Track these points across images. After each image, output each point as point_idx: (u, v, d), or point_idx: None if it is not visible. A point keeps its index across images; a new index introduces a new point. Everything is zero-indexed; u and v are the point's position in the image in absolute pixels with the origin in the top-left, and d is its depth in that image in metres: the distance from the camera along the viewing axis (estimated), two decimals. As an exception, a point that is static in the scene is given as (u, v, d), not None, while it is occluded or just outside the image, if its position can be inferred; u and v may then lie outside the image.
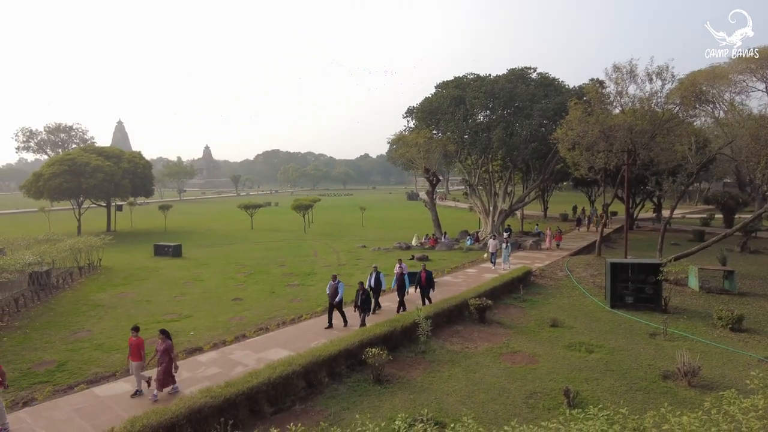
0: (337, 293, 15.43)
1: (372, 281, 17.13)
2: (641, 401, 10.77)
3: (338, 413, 10.20)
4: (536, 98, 34.06)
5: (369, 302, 15.52)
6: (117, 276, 26.24)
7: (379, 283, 17.22)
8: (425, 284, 17.58)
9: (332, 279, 15.86)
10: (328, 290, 15.71)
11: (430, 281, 17.79)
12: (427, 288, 17.64)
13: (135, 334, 11.16)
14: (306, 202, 50.64)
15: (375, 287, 17.13)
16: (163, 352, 10.78)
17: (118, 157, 50.82)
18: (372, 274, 17.33)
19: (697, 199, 76.85)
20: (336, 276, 15.96)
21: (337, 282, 15.59)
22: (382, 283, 17.34)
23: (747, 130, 24.84)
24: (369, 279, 17.21)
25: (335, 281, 15.66)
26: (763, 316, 17.67)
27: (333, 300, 15.50)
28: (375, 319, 15.89)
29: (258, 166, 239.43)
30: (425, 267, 18.22)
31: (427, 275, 17.69)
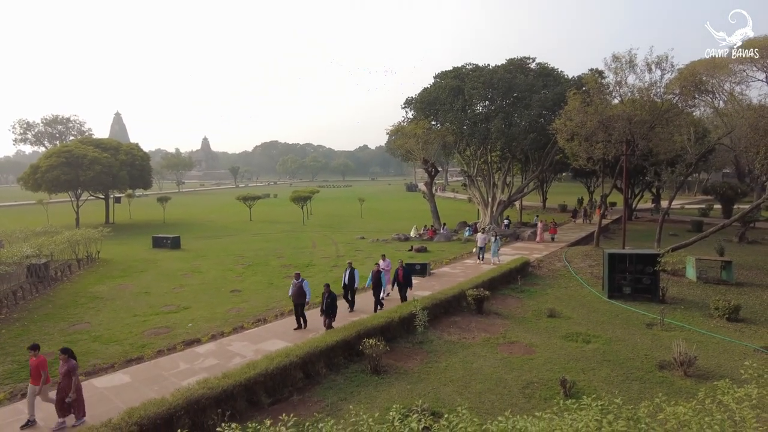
0: (302, 294, 14.41)
1: (346, 278, 16.32)
2: (637, 391, 10.83)
3: (335, 403, 10.25)
4: (535, 88, 33.91)
5: (334, 306, 14.09)
6: (115, 268, 26.25)
7: (353, 280, 16.33)
8: (402, 281, 16.74)
9: (295, 278, 14.72)
10: (291, 290, 14.68)
11: (408, 278, 16.90)
12: (404, 285, 16.77)
13: (34, 353, 9.55)
14: (304, 194, 50.57)
15: (349, 285, 16.34)
16: (64, 374, 9.22)
17: (116, 149, 50.65)
18: (346, 270, 16.48)
19: (696, 189, 76.83)
20: (299, 274, 14.90)
21: (301, 281, 14.54)
22: (356, 279, 16.46)
23: (746, 120, 24.76)
24: (344, 276, 16.43)
25: (299, 280, 14.56)
26: (760, 306, 17.74)
27: (298, 301, 14.52)
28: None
29: (256, 157, 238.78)
30: (403, 263, 17.25)
31: (405, 272, 16.84)
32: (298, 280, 14.57)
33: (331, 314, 14.01)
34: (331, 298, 13.90)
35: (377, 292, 16.36)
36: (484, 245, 25.38)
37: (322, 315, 14.13)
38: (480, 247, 25.43)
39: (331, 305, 13.96)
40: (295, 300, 14.62)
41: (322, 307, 14.04)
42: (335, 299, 14.11)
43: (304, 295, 14.44)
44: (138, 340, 14.49)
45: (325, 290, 14.00)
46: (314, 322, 14.87)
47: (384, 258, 18.10)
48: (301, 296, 14.44)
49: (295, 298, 14.58)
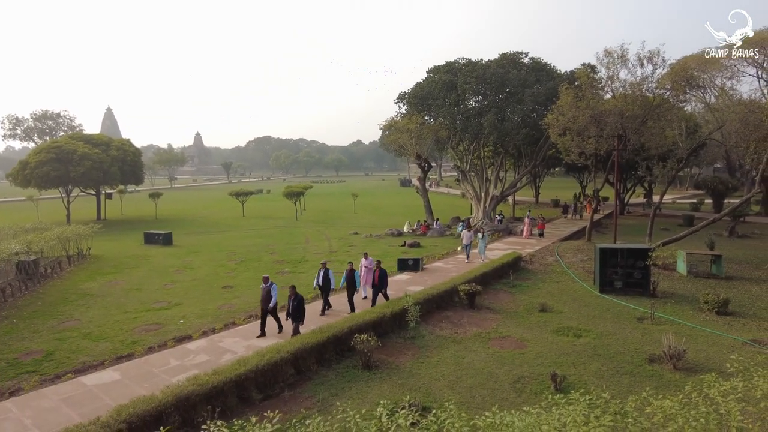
0: (270, 297, 13.79)
1: (320, 279, 15.67)
2: (627, 385, 10.90)
3: (327, 399, 10.24)
4: (528, 83, 33.90)
5: (302, 309, 13.28)
6: (107, 264, 26.07)
7: (327, 281, 15.67)
8: (377, 283, 16.06)
9: (263, 281, 14.05)
10: (262, 294, 14.00)
11: (383, 281, 16.20)
12: (379, 287, 16.11)
13: None
14: (298, 189, 50.41)
15: (323, 286, 15.70)
16: None
17: (107, 144, 50.17)
18: (320, 271, 15.79)
19: (687, 184, 77.38)
20: (268, 278, 14.16)
21: (270, 284, 13.89)
22: (331, 281, 15.82)
23: (737, 115, 24.90)
24: (317, 277, 15.82)
25: (267, 284, 13.90)
26: (748, 299, 17.91)
27: (266, 305, 13.88)
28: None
29: (249, 152, 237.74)
30: (380, 265, 16.45)
31: (381, 274, 16.09)
32: (267, 283, 13.91)
33: (299, 318, 13.24)
34: (297, 300, 13.13)
35: (351, 293, 15.75)
36: (470, 242, 24.64)
37: (288, 319, 13.46)
38: (466, 245, 24.66)
39: (298, 308, 13.16)
40: (262, 304, 13.97)
41: (288, 310, 13.32)
42: (302, 302, 13.33)
43: (271, 299, 13.78)
44: (128, 336, 14.41)
45: (291, 292, 13.30)
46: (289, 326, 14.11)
47: (366, 256, 17.45)
48: (267, 301, 13.79)
49: (262, 302, 13.95)
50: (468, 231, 25.03)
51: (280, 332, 13.98)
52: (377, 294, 16.18)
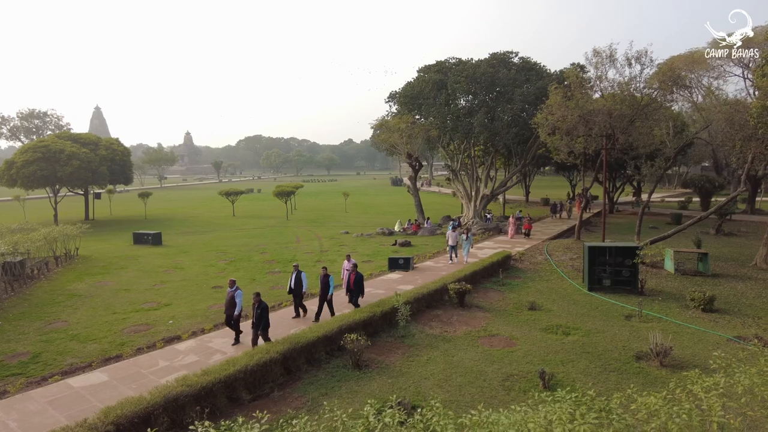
0: (235, 304, 13.16)
1: (292, 282, 15.11)
2: (615, 382, 11.00)
3: (316, 399, 10.24)
4: (518, 83, 34.06)
5: (265, 318, 12.48)
6: (95, 265, 25.83)
7: (300, 284, 15.07)
8: (353, 287, 15.56)
9: (229, 285, 13.43)
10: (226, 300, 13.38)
11: (359, 285, 15.69)
12: (355, 292, 15.61)
13: None
14: (288, 189, 50.24)
15: (295, 289, 15.12)
16: None
17: (95, 143, 49.66)
18: (293, 274, 15.17)
19: (675, 182, 78.20)
20: (234, 282, 13.50)
21: (235, 289, 13.27)
22: (303, 283, 15.16)
23: (722, 114, 25.22)
24: (290, 280, 15.24)
25: (233, 289, 13.28)
26: (734, 296, 18.15)
27: (229, 312, 13.23)
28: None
29: (240, 151, 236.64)
30: (356, 268, 15.94)
31: (357, 278, 15.58)
32: (232, 288, 13.28)
33: (263, 326, 12.46)
34: (261, 308, 12.38)
35: (323, 296, 15.02)
36: (456, 244, 24.14)
37: (253, 328, 12.63)
38: (451, 246, 24.09)
39: (262, 316, 12.38)
40: (226, 311, 13.37)
41: (253, 319, 12.53)
42: (266, 310, 12.55)
43: (235, 306, 13.17)
44: (117, 338, 14.29)
45: (254, 300, 12.49)
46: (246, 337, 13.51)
47: (349, 258, 17.04)
48: (231, 307, 13.17)
49: (226, 308, 13.33)
50: (453, 232, 24.41)
51: (235, 344, 13.23)
52: (356, 297, 15.67)
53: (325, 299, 15.01)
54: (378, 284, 19.75)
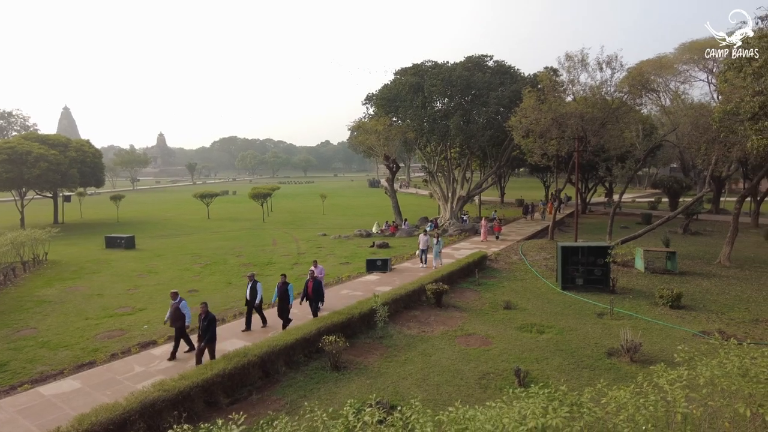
0: (180, 316, 12.55)
1: (248, 293, 14.48)
2: (587, 378, 11.31)
3: (295, 401, 10.26)
4: (492, 86, 34.60)
5: (212, 330, 11.77)
6: (65, 270, 25.19)
7: (255, 293, 14.41)
8: (312, 295, 14.87)
9: (172, 297, 12.78)
10: (169, 314, 12.76)
11: (319, 292, 15.02)
12: (315, 300, 14.95)
13: None
14: (264, 191, 49.88)
15: (251, 300, 14.47)
16: None
17: (65, 145, 48.42)
18: (249, 284, 14.56)
19: (646, 183, 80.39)
20: (177, 293, 12.92)
21: (179, 301, 12.69)
22: (258, 293, 14.46)
23: (688, 118, 26.12)
24: (247, 290, 14.62)
25: (176, 300, 12.67)
26: (699, 293, 18.83)
27: (175, 325, 12.62)
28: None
29: (214, 153, 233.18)
30: (313, 275, 15.25)
31: (315, 285, 14.87)
32: (176, 300, 12.68)
33: (210, 340, 11.78)
34: (208, 320, 11.71)
35: (283, 308, 14.25)
36: (427, 247, 23.54)
37: (198, 341, 11.98)
38: (422, 249, 23.48)
39: (208, 328, 11.69)
40: (171, 323, 12.74)
41: (199, 331, 11.89)
42: (214, 321, 11.86)
43: (182, 318, 12.58)
44: (90, 344, 14.01)
45: (201, 310, 11.84)
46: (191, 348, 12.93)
47: (316, 264, 16.63)
48: (177, 319, 12.57)
49: (171, 321, 12.70)
50: (423, 235, 23.88)
51: (171, 359, 12.44)
52: (316, 305, 15.01)
53: (286, 309, 14.24)
54: (356, 286, 19.81)
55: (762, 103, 13.34)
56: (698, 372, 5.97)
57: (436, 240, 23.46)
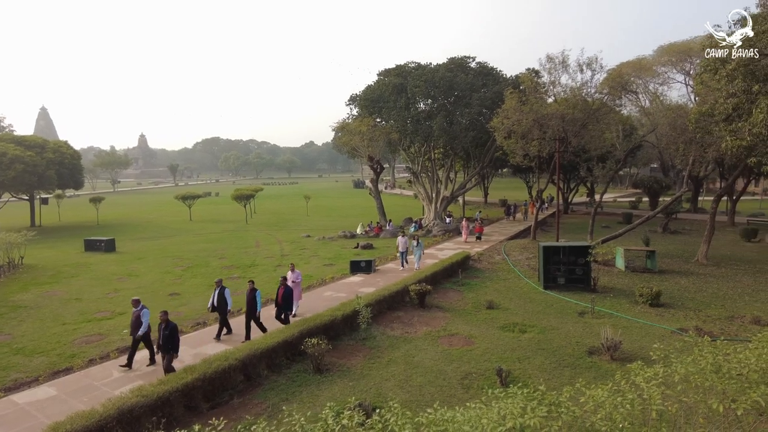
0: (140, 324, 11.98)
1: (215, 299, 13.85)
2: (568, 376, 11.43)
3: (277, 404, 10.17)
4: (475, 87, 34.81)
5: (174, 339, 11.23)
6: (42, 274, 24.66)
7: (224, 301, 13.77)
8: (281, 303, 14.19)
9: (133, 305, 12.25)
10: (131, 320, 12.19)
11: (288, 300, 14.36)
12: (284, 308, 14.24)
13: None
14: (247, 192, 49.48)
15: (218, 307, 13.82)
16: None
17: (42, 146, 47.46)
18: (215, 290, 13.91)
19: (627, 183, 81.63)
20: (139, 301, 12.36)
21: (141, 308, 12.11)
22: (228, 301, 13.85)
23: (666, 119, 26.58)
24: (212, 297, 13.99)
25: (138, 308, 12.10)
26: (677, 291, 19.17)
27: (134, 334, 12.05)
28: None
29: (197, 154, 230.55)
30: (285, 281, 14.58)
31: (286, 292, 14.23)
32: (137, 307, 12.13)
33: (171, 350, 11.20)
34: (169, 329, 11.15)
35: (250, 314, 13.72)
36: (406, 250, 23.22)
37: (158, 351, 11.53)
38: (401, 252, 23.13)
39: (170, 338, 11.13)
40: (132, 333, 12.13)
41: (159, 341, 11.33)
42: (175, 331, 11.28)
43: (140, 326, 12.04)
44: (67, 349, 13.72)
45: (161, 319, 11.31)
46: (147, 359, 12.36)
47: (293, 269, 16.10)
48: (138, 328, 11.99)
49: (132, 330, 12.11)
50: (402, 237, 23.62)
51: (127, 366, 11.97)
52: (282, 314, 14.23)
53: (253, 317, 13.69)
54: (340, 287, 19.74)
55: (735, 105, 13.64)
56: (673, 369, 6.07)
57: (416, 242, 22.90)
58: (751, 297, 18.31)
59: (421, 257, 22.80)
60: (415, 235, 24.61)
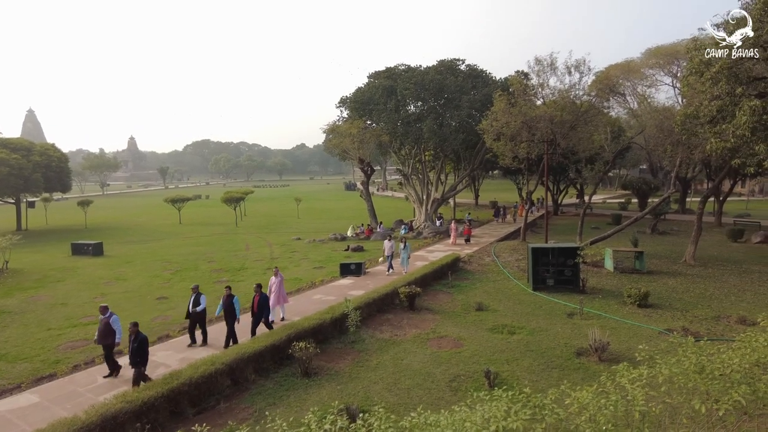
0: (110, 333, 11.49)
1: (191, 305, 13.48)
2: (556, 378, 11.44)
3: (264, 409, 10.08)
4: (465, 89, 34.92)
5: (143, 352, 10.69)
6: (28, 279, 24.33)
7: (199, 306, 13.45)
8: (257, 311, 13.65)
9: (101, 312, 11.77)
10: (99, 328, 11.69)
11: (264, 308, 13.81)
12: (258, 315, 13.69)
13: None
14: (237, 195, 49.21)
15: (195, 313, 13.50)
16: None
17: (28, 149, 46.92)
18: (192, 296, 13.61)
19: (616, 184, 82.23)
20: (107, 308, 11.86)
21: (109, 316, 11.65)
22: (201, 304, 13.49)
23: (653, 121, 26.81)
24: (189, 303, 13.62)
25: (106, 315, 11.65)
26: (665, 291, 19.31)
27: (103, 342, 11.56)
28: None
29: (187, 157, 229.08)
30: (260, 289, 13.86)
31: (261, 300, 13.70)
32: (105, 315, 11.66)
33: (140, 362, 10.65)
34: (139, 341, 10.60)
35: (230, 322, 13.30)
36: (392, 253, 22.71)
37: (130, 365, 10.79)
38: (387, 256, 22.60)
39: (139, 351, 10.60)
40: (99, 341, 11.62)
41: (129, 353, 10.82)
42: (145, 343, 10.74)
43: (112, 334, 11.56)
44: (51, 355, 13.53)
45: (131, 330, 10.76)
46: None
47: (277, 273, 15.64)
48: (107, 336, 11.52)
49: (99, 338, 11.59)
50: (388, 241, 23.05)
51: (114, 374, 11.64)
52: (258, 323, 13.71)
53: (233, 324, 13.33)
54: (329, 290, 19.67)
55: (719, 107, 13.79)
56: (657, 370, 6.09)
57: (403, 245, 22.26)
58: (737, 297, 18.49)
59: (408, 260, 22.35)
60: (403, 238, 24.02)
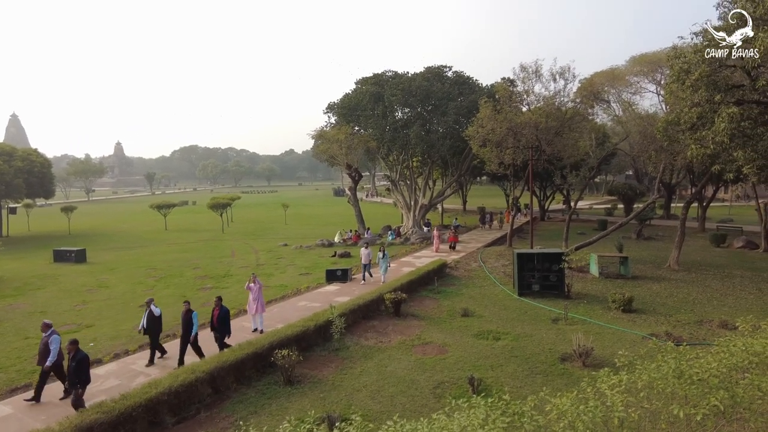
0: (48, 352, 10.61)
1: (145, 321, 12.73)
2: (540, 384, 11.40)
3: (245, 418, 9.92)
4: (451, 96, 35.08)
5: (84, 371, 9.89)
6: (7, 286, 23.85)
7: (155, 323, 12.76)
8: (217, 324, 12.98)
9: (42, 329, 10.94)
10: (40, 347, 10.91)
11: (225, 322, 13.12)
12: (220, 329, 13.03)
13: None
14: (224, 200, 48.85)
15: (150, 328, 12.74)
16: None
17: (10, 154, 46.26)
18: (146, 311, 12.85)
19: (603, 190, 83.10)
20: (50, 325, 11.01)
21: (50, 333, 10.79)
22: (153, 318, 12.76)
23: (638, 127, 27.15)
24: (143, 319, 12.87)
25: (47, 333, 10.78)
26: (649, 296, 19.45)
27: (42, 364, 10.69)
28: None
29: (175, 162, 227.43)
30: (221, 302, 13.23)
31: (221, 314, 12.99)
32: (46, 332, 10.82)
33: (77, 382, 9.82)
34: (77, 360, 9.81)
35: (185, 336, 12.56)
36: (369, 262, 22.20)
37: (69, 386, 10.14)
38: (365, 264, 22.04)
39: (78, 370, 9.80)
40: (39, 362, 10.88)
41: (67, 374, 10.09)
42: (84, 362, 9.96)
43: (48, 355, 10.66)
44: (28, 365, 13.21)
45: (69, 348, 9.95)
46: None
47: (255, 279, 15.19)
48: (46, 355, 10.66)
49: (39, 359, 10.83)
50: (365, 249, 22.41)
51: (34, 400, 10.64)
52: (222, 338, 13.09)
53: (188, 340, 12.54)
54: (314, 297, 19.53)
55: (699, 114, 13.98)
56: (637, 376, 6.08)
57: (381, 254, 21.57)
58: (719, 301, 18.69)
59: (387, 269, 21.62)
60: (381, 247, 23.13)
